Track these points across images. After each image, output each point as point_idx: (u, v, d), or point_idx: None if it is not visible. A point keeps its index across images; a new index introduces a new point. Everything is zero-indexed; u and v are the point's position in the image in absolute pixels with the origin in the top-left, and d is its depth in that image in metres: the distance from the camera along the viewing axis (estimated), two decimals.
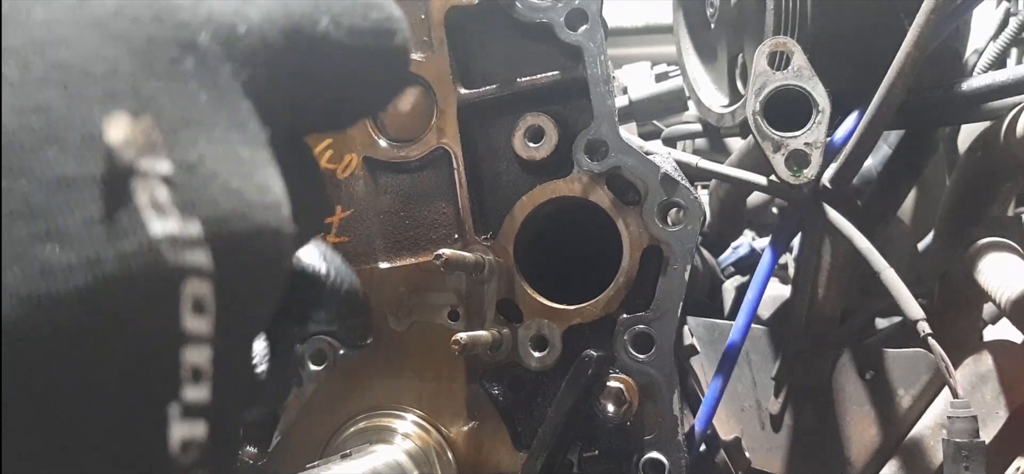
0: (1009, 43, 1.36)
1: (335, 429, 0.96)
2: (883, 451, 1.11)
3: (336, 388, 0.97)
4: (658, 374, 0.88)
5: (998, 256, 1.03)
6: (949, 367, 0.86)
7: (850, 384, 1.15)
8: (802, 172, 0.94)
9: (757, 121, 0.94)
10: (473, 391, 0.93)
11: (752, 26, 1.20)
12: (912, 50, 0.92)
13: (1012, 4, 1.43)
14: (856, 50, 1.08)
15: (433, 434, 0.93)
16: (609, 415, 0.88)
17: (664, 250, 0.89)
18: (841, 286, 1.13)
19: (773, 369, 1.20)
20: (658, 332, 0.89)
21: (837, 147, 1.01)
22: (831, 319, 1.16)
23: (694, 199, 0.89)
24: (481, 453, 0.93)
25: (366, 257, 0.98)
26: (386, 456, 0.88)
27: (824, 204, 1.00)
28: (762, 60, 0.95)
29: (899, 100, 0.95)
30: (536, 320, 0.92)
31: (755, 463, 1.16)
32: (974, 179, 1.13)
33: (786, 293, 1.34)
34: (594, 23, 0.90)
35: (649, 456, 0.88)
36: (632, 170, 0.89)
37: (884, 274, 0.93)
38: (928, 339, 0.87)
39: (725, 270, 1.69)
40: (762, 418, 1.20)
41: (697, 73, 1.44)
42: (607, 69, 0.90)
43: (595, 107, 0.90)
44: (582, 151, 0.90)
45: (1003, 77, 1.03)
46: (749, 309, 0.98)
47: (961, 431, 0.84)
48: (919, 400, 1.10)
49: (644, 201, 0.89)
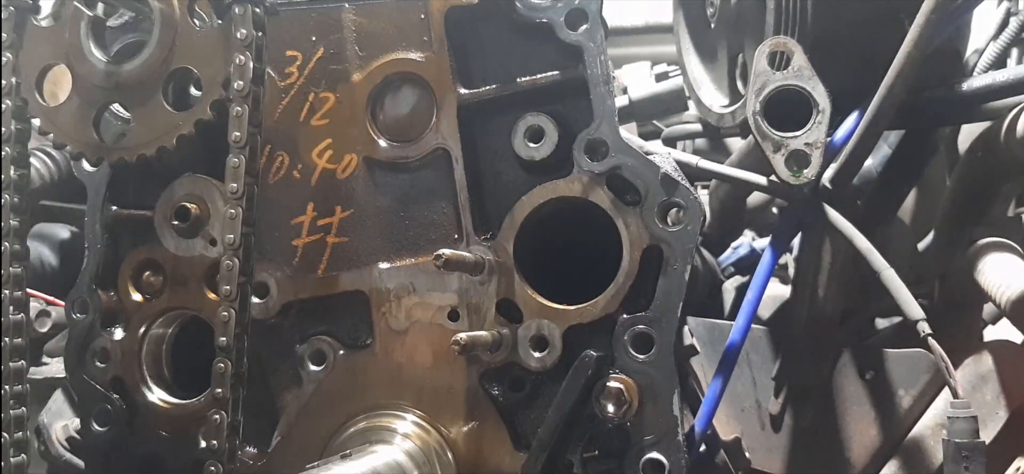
0: (1009, 43, 1.36)
1: (335, 429, 0.96)
2: (883, 451, 1.11)
3: (336, 388, 0.97)
4: (658, 374, 0.88)
5: (998, 256, 1.03)
6: (949, 367, 0.86)
7: (850, 384, 1.14)
8: (802, 172, 0.94)
9: (757, 121, 0.94)
10: (473, 391, 0.93)
11: (752, 26, 1.20)
12: (912, 50, 0.92)
13: (1012, 4, 1.43)
14: (856, 50, 1.08)
15: (433, 434, 0.93)
16: (609, 415, 0.88)
17: (664, 250, 0.89)
18: (841, 286, 1.13)
19: (773, 369, 1.20)
20: (658, 332, 0.89)
21: (837, 147, 1.01)
22: (831, 319, 1.16)
23: (694, 199, 0.89)
24: (481, 453, 0.93)
25: (366, 257, 0.98)
26: (386, 456, 0.88)
27: (824, 204, 1.00)
28: (762, 60, 0.95)
29: (899, 100, 0.95)
30: (536, 320, 0.92)
31: (755, 463, 1.16)
32: (974, 179, 1.13)
33: (786, 293, 1.34)
34: (594, 23, 0.90)
35: (649, 456, 0.88)
36: (632, 170, 0.89)
37: (884, 274, 0.93)
38: (928, 339, 0.87)
39: (725, 270, 1.69)
40: (762, 418, 1.20)
41: (697, 73, 1.44)
42: (607, 69, 0.90)
43: (595, 107, 0.90)
44: (582, 151, 0.90)
45: (1003, 77, 1.03)
46: (749, 309, 0.98)
47: (961, 431, 0.84)
48: (919, 400, 1.10)
49: (644, 201, 0.89)
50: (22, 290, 0.98)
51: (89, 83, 0.95)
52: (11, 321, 0.97)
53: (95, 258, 1.02)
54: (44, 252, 1.45)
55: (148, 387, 1.02)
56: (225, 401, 0.92)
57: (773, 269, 1.01)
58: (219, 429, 0.92)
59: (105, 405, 1.00)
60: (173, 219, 0.99)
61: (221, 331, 0.93)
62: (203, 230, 1.00)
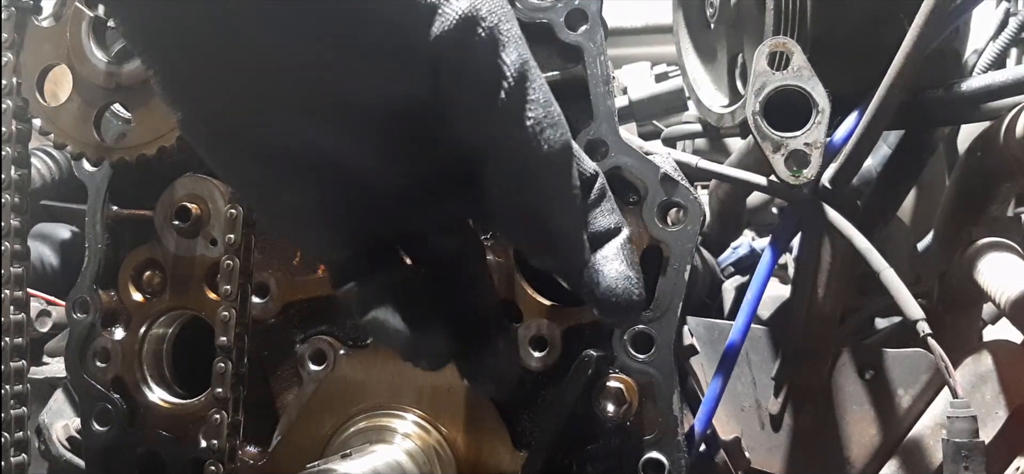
0: (1009, 43, 1.36)
1: (336, 429, 0.96)
2: (883, 451, 1.11)
3: (337, 388, 0.97)
4: (658, 374, 0.89)
5: (998, 256, 1.03)
6: (949, 367, 0.86)
7: (850, 384, 1.14)
8: (802, 172, 0.94)
9: (757, 121, 0.94)
10: (473, 391, 0.93)
11: (752, 26, 1.20)
12: (912, 50, 0.92)
13: (1012, 4, 1.43)
14: (856, 50, 1.08)
15: (433, 434, 0.93)
16: (609, 415, 0.88)
17: (664, 250, 0.89)
18: (841, 286, 1.13)
19: (773, 369, 1.20)
20: (658, 332, 0.89)
21: (837, 147, 1.01)
22: (831, 319, 1.16)
23: (694, 199, 0.89)
24: (481, 453, 0.93)
25: None
26: (386, 456, 0.88)
27: (824, 204, 1.00)
28: (762, 60, 0.95)
29: (899, 100, 0.95)
30: (536, 320, 0.92)
31: (755, 463, 1.16)
32: (974, 179, 1.13)
33: (786, 293, 1.34)
34: (594, 23, 0.90)
35: (649, 456, 0.88)
36: (632, 170, 0.90)
37: (884, 274, 0.93)
38: (928, 339, 0.87)
39: (725, 270, 1.69)
40: (762, 418, 1.20)
41: (697, 73, 1.44)
42: (607, 69, 0.90)
43: (595, 107, 0.90)
44: (582, 151, 0.90)
45: (1003, 77, 1.03)
46: (749, 309, 0.98)
47: (961, 431, 0.84)
48: (919, 400, 1.10)
49: (644, 201, 0.90)
50: (23, 290, 0.98)
51: (90, 83, 0.95)
52: (12, 321, 0.97)
53: (96, 258, 1.02)
54: (45, 252, 1.45)
55: (148, 387, 1.02)
56: (225, 401, 0.93)
57: (773, 269, 1.01)
58: (219, 429, 0.93)
59: (105, 405, 1.00)
60: (174, 219, 1.00)
61: (221, 331, 0.93)
62: (204, 230, 1.00)
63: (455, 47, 0.55)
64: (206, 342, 0.95)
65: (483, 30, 0.55)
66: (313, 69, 0.55)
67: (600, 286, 0.64)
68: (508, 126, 0.58)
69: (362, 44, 0.54)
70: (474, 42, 0.55)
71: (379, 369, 0.96)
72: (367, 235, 0.66)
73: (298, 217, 0.64)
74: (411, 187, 0.64)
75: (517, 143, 0.58)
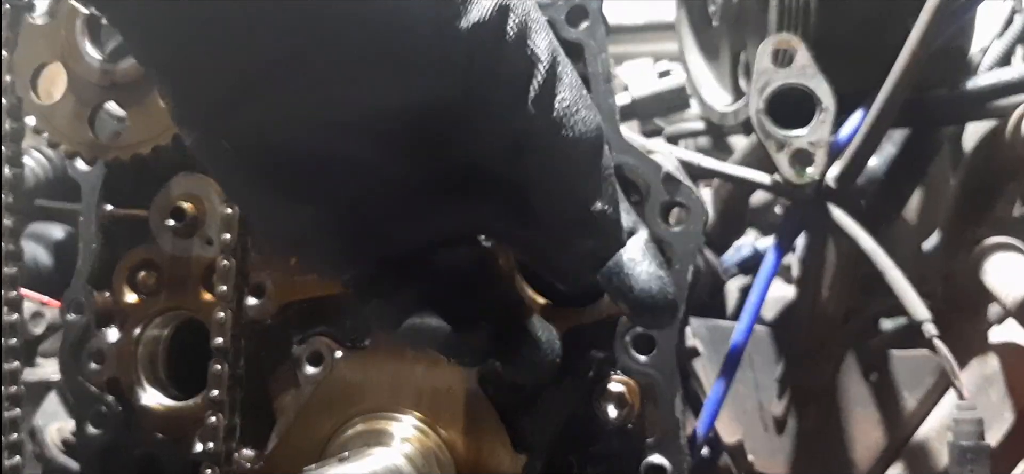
0: (1015, 41, 1.35)
1: (333, 431, 0.95)
2: (888, 454, 1.10)
3: (335, 389, 0.96)
4: (660, 376, 0.87)
5: (1004, 256, 1.02)
6: (955, 369, 0.85)
7: (854, 386, 1.14)
8: (806, 171, 0.93)
9: (760, 119, 0.93)
10: (473, 392, 0.92)
11: (755, 23, 1.19)
12: (917, 48, 0.91)
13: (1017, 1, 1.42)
14: (860, 48, 1.07)
15: (432, 436, 0.92)
16: (610, 418, 0.87)
17: (666, 250, 0.88)
18: (845, 287, 1.12)
19: (776, 371, 1.19)
20: (660, 333, 0.88)
21: (841, 146, 1.00)
22: (835, 320, 1.15)
23: (697, 198, 0.88)
24: (481, 456, 0.92)
25: None
26: (384, 459, 0.87)
27: (828, 204, 0.99)
28: (765, 57, 0.94)
29: (904, 98, 0.94)
30: None
31: (758, 466, 1.15)
32: (980, 178, 1.12)
33: (790, 294, 1.33)
34: (595, 20, 0.89)
35: (651, 459, 0.87)
36: (634, 169, 0.88)
37: (890, 274, 0.92)
38: (934, 340, 0.86)
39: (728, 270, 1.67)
40: (765, 420, 1.19)
41: (700, 71, 1.43)
42: (608, 67, 0.89)
43: (596, 105, 0.89)
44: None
45: (1009, 75, 1.03)
46: (752, 310, 0.97)
47: (967, 434, 0.83)
48: (924, 402, 1.09)
49: (646, 201, 0.88)
50: (16, 290, 0.97)
51: (84, 81, 0.94)
52: (6, 322, 0.96)
53: (90, 258, 1.01)
54: (39, 252, 1.44)
55: (144, 388, 1.01)
56: (222, 403, 0.92)
57: (777, 269, 1.00)
58: (216, 431, 0.92)
59: (100, 407, 0.99)
60: (169, 218, 0.99)
61: (218, 332, 0.92)
62: (200, 230, 0.99)
63: (491, 37, 0.55)
64: (202, 343, 0.94)
65: (514, 18, 0.56)
66: (333, 74, 0.54)
67: (634, 289, 0.63)
68: (544, 111, 0.58)
69: (396, 46, 0.53)
70: (507, 30, 0.55)
71: (378, 371, 0.95)
72: (381, 249, 0.65)
73: (305, 233, 0.63)
74: (429, 193, 0.63)
75: (554, 127, 0.59)
